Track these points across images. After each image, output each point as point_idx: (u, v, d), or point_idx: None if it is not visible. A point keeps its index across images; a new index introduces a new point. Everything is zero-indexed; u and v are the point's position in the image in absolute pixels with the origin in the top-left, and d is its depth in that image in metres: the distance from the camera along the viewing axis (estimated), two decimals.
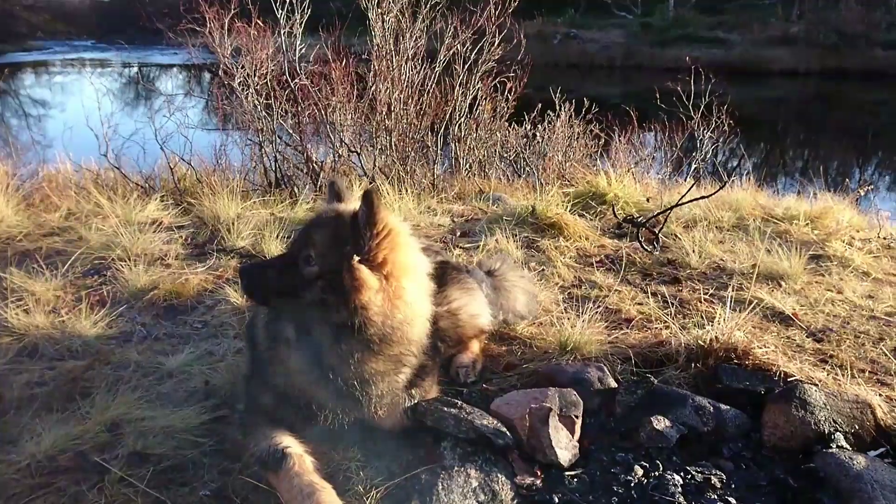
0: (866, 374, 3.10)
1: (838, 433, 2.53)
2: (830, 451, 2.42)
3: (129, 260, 4.12)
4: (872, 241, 5.29)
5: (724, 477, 2.34)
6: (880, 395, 2.85)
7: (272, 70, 7.24)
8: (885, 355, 3.28)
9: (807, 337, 3.50)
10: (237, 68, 7.07)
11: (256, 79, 7.08)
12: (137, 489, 2.22)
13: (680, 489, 2.25)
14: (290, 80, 7.27)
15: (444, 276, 3.08)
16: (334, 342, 2.31)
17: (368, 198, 2.23)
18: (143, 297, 3.77)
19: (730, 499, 2.23)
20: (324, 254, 2.29)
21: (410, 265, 2.43)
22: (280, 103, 7.28)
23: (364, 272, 2.25)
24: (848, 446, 2.49)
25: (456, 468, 2.28)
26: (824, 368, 3.11)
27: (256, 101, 7.12)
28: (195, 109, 9.53)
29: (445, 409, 2.47)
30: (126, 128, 7.49)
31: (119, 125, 7.25)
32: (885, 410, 2.68)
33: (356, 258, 2.26)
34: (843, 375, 2.98)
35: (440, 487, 2.18)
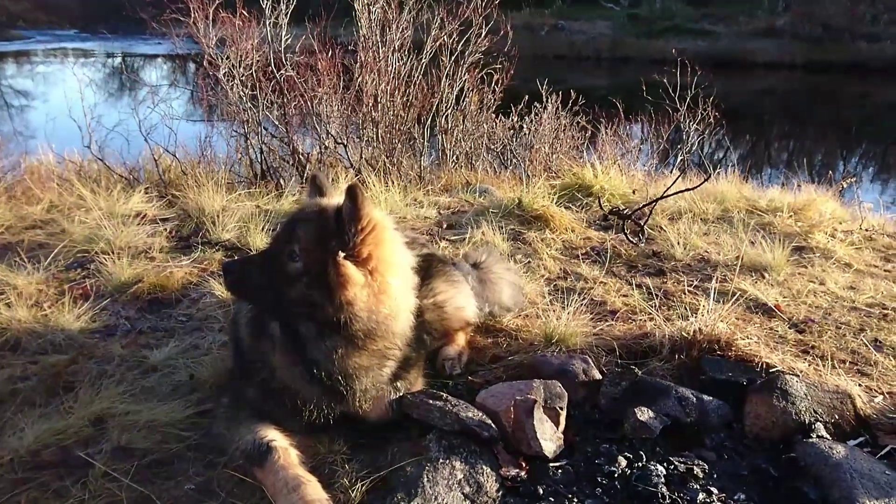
0: (847, 364, 3.14)
1: (819, 423, 2.56)
2: (811, 440, 2.46)
3: (113, 253, 4.09)
4: (854, 233, 5.35)
5: (706, 467, 2.36)
6: (860, 385, 2.89)
7: (257, 61, 7.19)
8: (865, 346, 3.32)
9: (789, 328, 3.54)
10: (222, 59, 7.01)
11: (241, 70, 7.02)
12: (122, 484, 2.22)
13: (663, 479, 2.27)
14: (275, 72, 7.22)
15: (429, 268, 3.08)
16: (318, 338, 2.30)
17: (352, 192, 2.22)
18: (127, 291, 3.74)
19: (712, 488, 2.25)
20: (308, 249, 2.28)
21: (395, 260, 2.43)
22: (266, 94, 7.23)
23: (349, 268, 2.25)
24: (828, 436, 2.53)
25: (441, 460, 2.28)
26: (806, 359, 3.14)
27: (242, 93, 7.06)
28: (180, 100, 9.44)
29: (431, 401, 2.48)
30: (110, 119, 7.43)
31: (102, 116, 7.18)
32: (864, 400, 2.72)
33: (341, 254, 2.25)
34: (823, 366, 3.02)
35: (425, 479, 2.19)
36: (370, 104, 7.50)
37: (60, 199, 5.30)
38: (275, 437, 2.27)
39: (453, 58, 7.98)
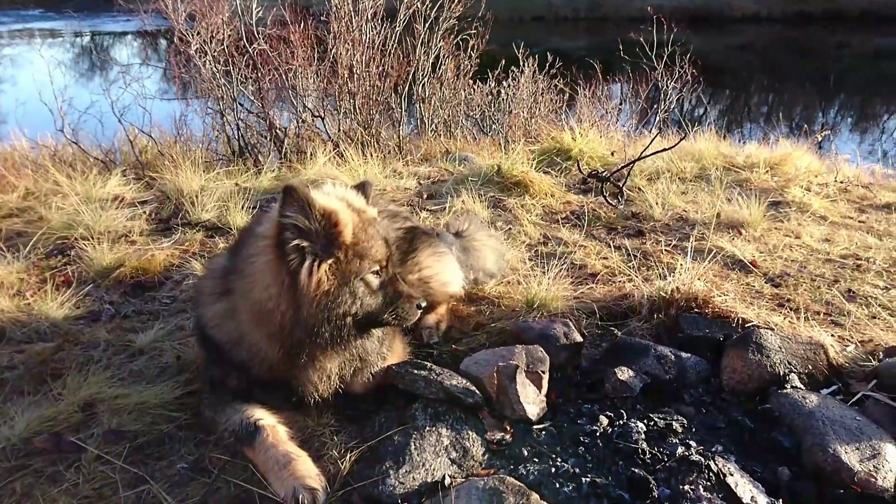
0: (821, 315, 3.22)
1: (793, 374, 2.64)
2: (785, 391, 2.54)
3: (93, 238, 4.07)
4: (830, 186, 5.42)
5: (685, 422, 2.43)
6: (833, 335, 2.98)
7: (229, 35, 7.07)
8: (839, 297, 3.41)
9: (765, 283, 3.62)
10: (193, 35, 6.89)
11: (213, 45, 6.92)
12: (115, 466, 2.25)
13: (643, 436, 2.34)
14: (248, 46, 7.11)
15: (413, 240, 3.10)
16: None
17: None
18: (109, 276, 3.74)
19: (690, 442, 2.32)
20: None
21: None
22: (239, 69, 7.13)
23: None
24: (802, 386, 2.60)
25: (428, 428, 2.34)
26: (781, 312, 3.22)
27: (215, 69, 6.96)
28: (152, 79, 9.29)
29: (416, 371, 2.53)
30: (81, 100, 7.29)
31: (74, 98, 7.05)
32: (836, 350, 2.81)
33: None
34: (798, 318, 3.10)
35: (413, 447, 2.24)
36: (346, 75, 7.42)
37: (36, 186, 5.23)
38: (262, 415, 2.29)
39: (427, 24, 7.88)
